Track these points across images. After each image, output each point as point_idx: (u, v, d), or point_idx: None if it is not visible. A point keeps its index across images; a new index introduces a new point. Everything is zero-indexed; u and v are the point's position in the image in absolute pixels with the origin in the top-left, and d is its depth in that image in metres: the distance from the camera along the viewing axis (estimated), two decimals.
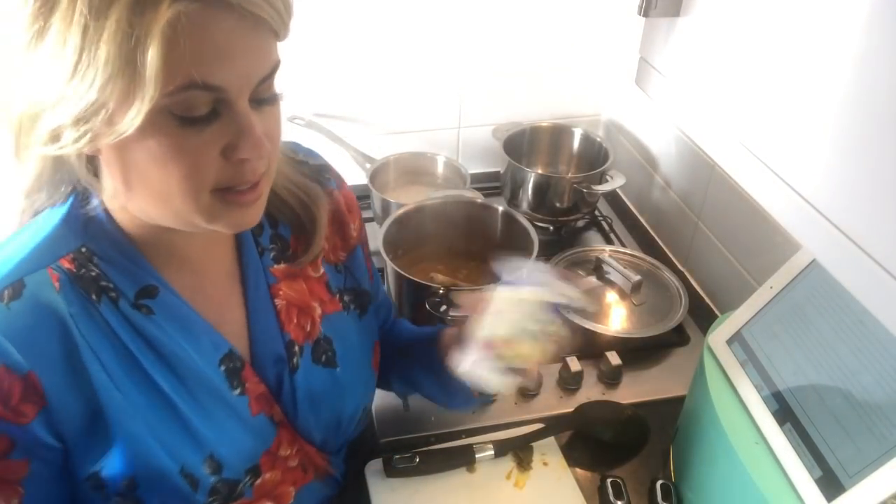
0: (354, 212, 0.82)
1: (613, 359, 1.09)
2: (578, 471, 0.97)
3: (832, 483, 0.67)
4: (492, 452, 0.96)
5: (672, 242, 1.41)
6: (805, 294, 0.78)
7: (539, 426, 1.00)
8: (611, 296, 1.24)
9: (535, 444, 0.99)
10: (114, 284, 0.62)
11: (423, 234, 1.21)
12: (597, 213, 1.51)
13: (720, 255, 1.24)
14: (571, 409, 1.03)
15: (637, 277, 1.22)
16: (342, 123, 1.47)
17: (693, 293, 1.27)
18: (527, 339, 0.69)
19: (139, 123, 0.49)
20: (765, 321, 0.82)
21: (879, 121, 0.46)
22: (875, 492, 0.64)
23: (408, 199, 1.24)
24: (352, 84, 1.44)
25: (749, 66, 0.59)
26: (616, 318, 1.20)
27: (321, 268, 0.77)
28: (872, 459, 0.65)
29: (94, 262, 0.61)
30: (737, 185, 1.14)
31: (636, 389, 1.10)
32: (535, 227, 1.15)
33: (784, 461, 0.73)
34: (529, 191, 1.41)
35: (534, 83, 1.54)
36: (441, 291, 1.03)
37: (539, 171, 1.52)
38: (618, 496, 0.91)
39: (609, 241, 1.43)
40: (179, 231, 0.61)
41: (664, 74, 0.71)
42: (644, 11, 0.69)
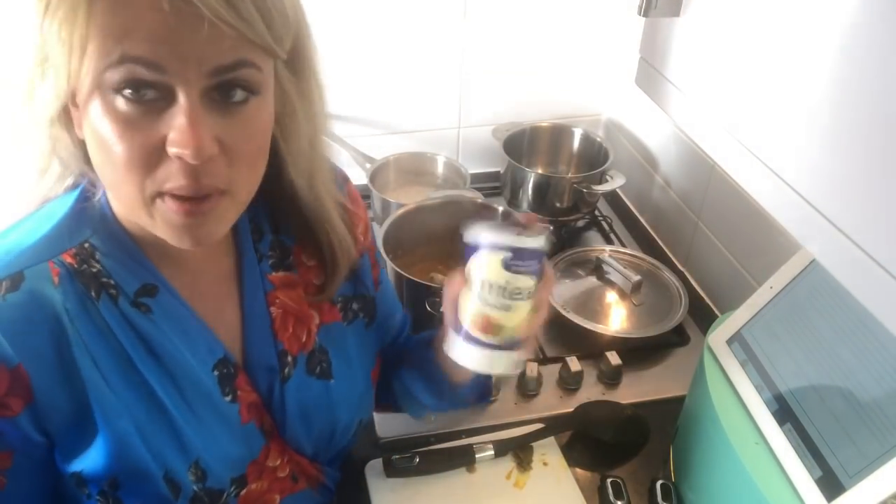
0: (360, 213, 0.79)
1: (613, 359, 1.09)
2: (578, 471, 0.97)
3: (832, 483, 0.67)
4: (492, 452, 0.96)
5: (672, 242, 1.41)
6: (805, 294, 0.78)
7: (539, 426, 1.00)
8: (611, 296, 1.24)
9: (535, 444, 0.99)
10: (115, 281, 0.61)
11: (423, 234, 1.21)
12: (597, 213, 1.51)
13: (720, 255, 1.24)
14: (571, 409, 1.03)
15: (637, 277, 1.22)
16: (342, 123, 1.47)
17: (693, 293, 1.27)
18: (505, 307, 0.64)
19: (89, 88, 0.49)
20: (765, 321, 0.82)
21: (879, 120, 0.46)
22: (875, 492, 0.64)
23: (408, 199, 1.24)
24: (352, 84, 1.44)
25: (749, 66, 0.59)
26: (616, 318, 1.20)
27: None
28: (872, 459, 0.65)
29: (97, 258, 0.61)
30: (737, 185, 1.14)
31: (636, 389, 1.10)
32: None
33: (784, 461, 0.73)
34: (529, 191, 1.41)
35: (534, 83, 1.54)
36: (441, 291, 1.03)
37: (539, 171, 1.52)
38: (618, 496, 0.91)
39: (609, 241, 1.43)
40: None
41: (664, 74, 0.71)
42: (644, 11, 0.69)
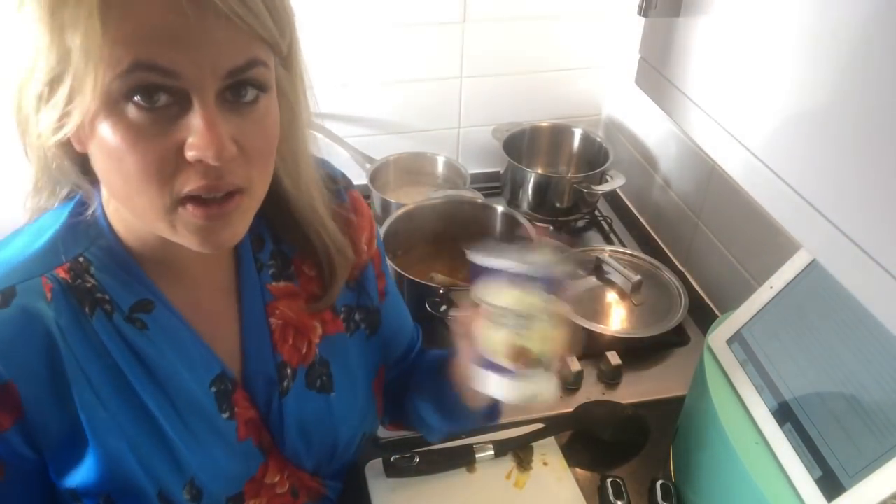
0: (364, 221, 0.76)
1: (613, 359, 1.09)
2: (578, 471, 0.97)
3: (832, 483, 0.67)
4: (492, 452, 0.96)
5: (672, 242, 1.41)
6: (805, 294, 0.78)
7: (539, 426, 1.00)
8: (611, 296, 1.24)
9: (535, 444, 0.99)
10: (109, 296, 0.59)
11: (423, 234, 1.21)
12: (597, 213, 1.50)
13: (720, 255, 1.24)
14: (571, 409, 1.03)
15: (637, 277, 1.22)
16: (342, 123, 1.47)
17: (693, 293, 1.27)
18: (525, 330, 0.62)
19: (96, 103, 0.47)
20: (765, 321, 0.82)
21: (880, 120, 0.46)
22: (875, 492, 0.64)
23: (408, 199, 1.24)
24: (352, 84, 1.44)
25: (749, 66, 0.59)
26: (616, 318, 1.20)
27: None
28: (872, 459, 0.65)
29: (91, 273, 0.59)
30: (737, 185, 1.14)
31: (636, 389, 1.10)
32: (536, 228, 1.15)
33: (784, 461, 0.73)
34: (529, 191, 1.41)
35: (534, 83, 1.54)
36: (441, 291, 1.04)
37: (539, 171, 1.52)
38: (618, 496, 0.91)
39: (609, 241, 1.43)
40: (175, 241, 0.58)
41: (664, 74, 0.71)
42: (644, 11, 0.68)
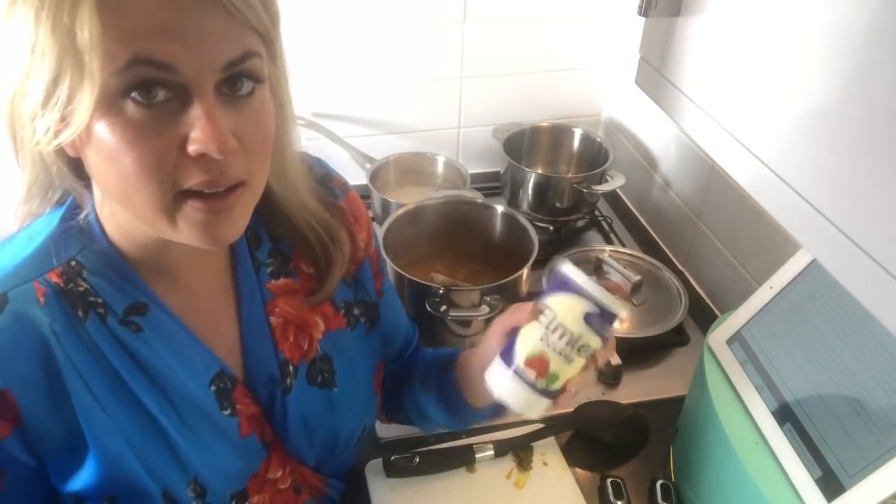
0: (361, 221, 0.76)
1: (613, 359, 1.09)
2: (578, 471, 0.97)
3: (832, 483, 0.67)
4: (492, 452, 0.96)
5: (672, 242, 1.41)
6: (805, 294, 0.78)
7: (539, 426, 1.00)
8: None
9: (535, 444, 0.99)
10: (103, 300, 0.59)
11: (423, 234, 1.21)
12: (597, 213, 1.51)
13: (720, 255, 1.24)
14: (571, 409, 1.03)
15: (637, 277, 1.22)
16: (342, 123, 1.47)
17: (693, 293, 1.27)
18: (567, 357, 0.63)
19: (94, 103, 0.46)
20: (765, 321, 0.82)
21: (880, 120, 0.46)
22: (875, 492, 0.64)
23: (408, 199, 1.24)
24: (352, 84, 1.44)
25: (749, 66, 0.59)
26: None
27: None
28: (872, 459, 0.65)
29: (84, 277, 0.59)
30: (737, 185, 1.14)
31: (636, 389, 1.10)
32: (535, 227, 1.15)
33: (784, 461, 0.73)
34: (529, 191, 1.41)
35: (534, 83, 1.54)
36: (441, 291, 1.03)
37: (539, 171, 1.52)
38: (618, 496, 0.91)
39: (609, 241, 1.43)
40: (170, 243, 0.57)
41: (664, 74, 0.71)
42: (644, 11, 0.68)
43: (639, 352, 1.15)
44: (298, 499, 0.74)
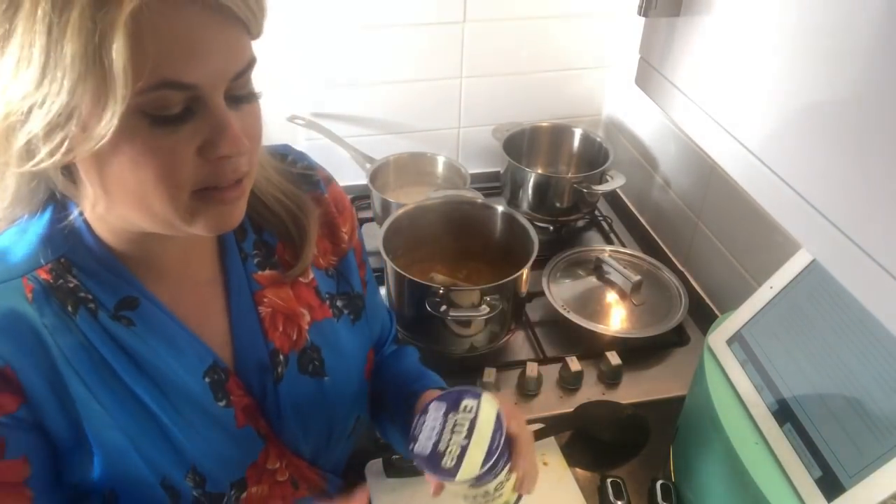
0: (345, 213, 0.78)
1: (613, 359, 1.09)
2: (578, 471, 0.97)
3: (832, 483, 0.67)
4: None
5: (672, 242, 1.41)
6: (805, 294, 0.78)
7: (539, 426, 1.00)
8: (611, 296, 1.24)
9: (536, 444, 0.98)
10: (93, 295, 0.60)
11: (423, 234, 1.21)
12: (597, 213, 1.51)
13: (720, 255, 1.24)
14: (571, 409, 1.03)
15: (637, 277, 1.22)
16: (342, 123, 1.47)
17: (693, 293, 1.27)
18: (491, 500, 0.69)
19: (116, 126, 0.47)
20: (765, 321, 0.82)
21: (880, 119, 0.46)
22: (875, 492, 0.64)
23: (408, 199, 1.23)
24: (352, 84, 1.44)
25: (749, 66, 0.59)
26: (616, 318, 1.20)
27: (311, 273, 0.74)
28: (872, 459, 0.65)
29: (73, 273, 0.59)
30: (737, 185, 1.14)
31: (636, 389, 1.10)
32: (535, 227, 1.15)
33: (784, 461, 0.73)
34: (529, 191, 1.41)
35: (534, 83, 1.54)
36: (441, 291, 1.03)
37: (539, 171, 1.52)
38: (618, 496, 0.91)
39: (609, 241, 1.43)
40: (160, 238, 0.59)
41: (664, 74, 0.71)
42: (644, 11, 0.68)
43: (639, 352, 1.15)
44: (297, 493, 0.74)
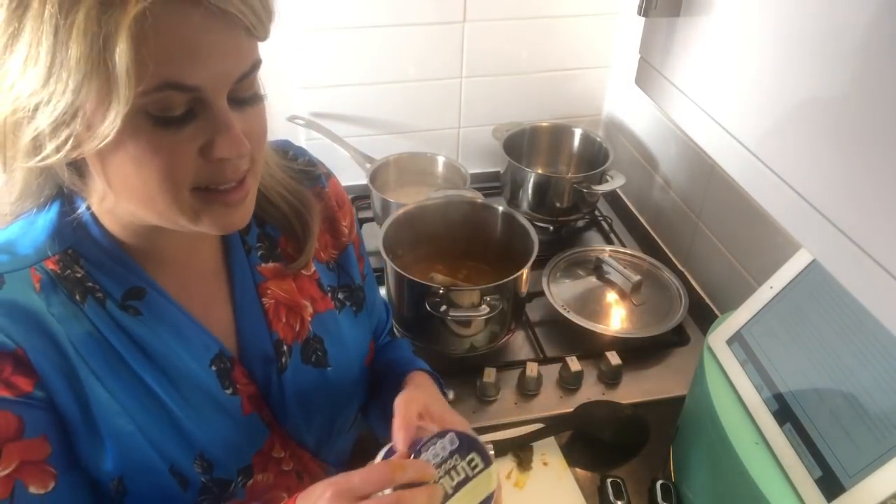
0: (345, 208, 0.80)
1: (613, 359, 1.09)
2: (578, 471, 0.97)
3: (832, 483, 0.67)
4: (492, 453, 0.95)
5: (672, 242, 1.41)
6: (805, 294, 0.78)
7: (539, 426, 1.00)
8: (611, 296, 1.24)
9: (535, 444, 0.99)
10: (100, 285, 0.61)
11: (423, 234, 1.21)
12: (597, 213, 1.51)
13: (720, 255, 1.24)
14: (571, 409, 1.03)
15: (637, 277, 1.22)
16: (342, 123, 1.47)
17: (693, 293, 1.27)
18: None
19: (119, 126, 0.48)
20: (765, 321, 0.82)
21: (880, 119, 0.46)
22: (875, 492, 0.64)
23: (408, 199, 1.23)
24: (352, 84, 1.44)
25: (749, 66, 0.59)
26: (616, 318, 1.20)
27: (312, 266, 0.76)
28: (872, 459, 0.65)
29: (80, 264, 0.61)
30: (737, 185, 1.14)
31: (636, 389, 1.10)
32: (535, 227, 1.15)
33: (784, 461, 0.73)
34: (529, 191, 1.41)
35: (534, 83, 1.54)
36: (441, 291, 1.03)
37: (539, 171, 1.52)
38: (618, 496, 0.91)
39: (609, 241, 1.43)
40: (166, 231, 0.60)
41: (664, 74, 0.71)
42: (644, 11, 0.68)
43: (639, 352, 1.15)
44: (301, 485, 0.75)
